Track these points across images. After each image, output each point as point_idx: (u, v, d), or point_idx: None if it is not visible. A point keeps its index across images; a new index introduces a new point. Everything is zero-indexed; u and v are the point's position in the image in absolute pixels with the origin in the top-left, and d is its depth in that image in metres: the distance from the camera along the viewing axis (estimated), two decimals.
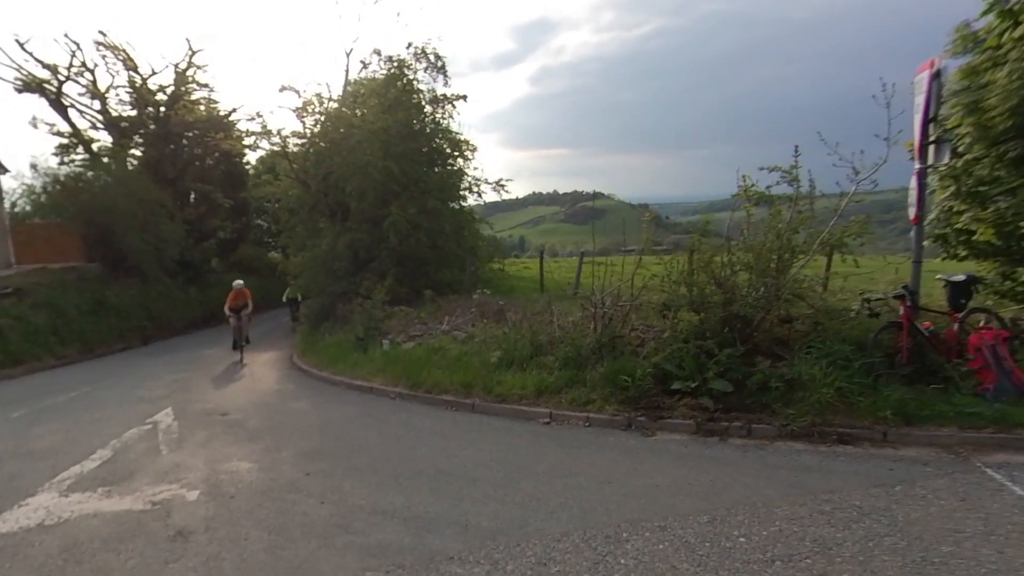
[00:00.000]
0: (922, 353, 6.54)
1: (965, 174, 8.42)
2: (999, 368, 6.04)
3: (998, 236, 8.02)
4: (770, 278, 7.10)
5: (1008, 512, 4.24)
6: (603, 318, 7.72)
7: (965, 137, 8.18)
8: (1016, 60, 7.22)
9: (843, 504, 4.40)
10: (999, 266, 8.82)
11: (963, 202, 8.44)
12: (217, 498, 4.92)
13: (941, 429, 5.72)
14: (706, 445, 5.84)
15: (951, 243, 8.99)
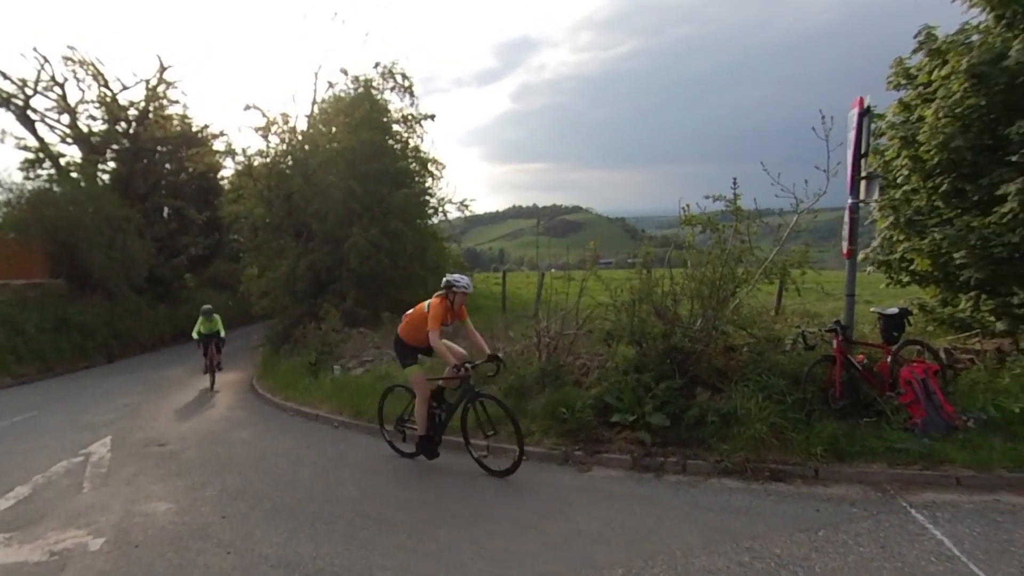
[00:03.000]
0: (855, 387, 6.42)
1: (904, 204, 8.42)
2: (928, 402, 5.94)
3: (934, 266, 8.00)
4: (710, 309, 6.97)
5: (924, 560, 4.07)
6: (548, 346, 7.52)
7: (902, 169, 8.20)
8: (943, 98, 7.24)
9: (763, 553, 4.19)
10: (939, 293, 8.81)
11: (901, 231, 8.43)
12: (121, 547, 4.60)
13: (871, 466, 5.58)
14: (640, 483, 5.63)
15: (894, 270, 9.00)
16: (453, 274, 6.22)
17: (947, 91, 7.28)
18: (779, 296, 10.34)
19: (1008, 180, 6.80)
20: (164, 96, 24.14)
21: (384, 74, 16.90)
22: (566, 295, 7.89)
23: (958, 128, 7.11)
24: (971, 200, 7.52)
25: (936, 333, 8.57)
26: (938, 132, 7.23)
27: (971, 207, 7.54)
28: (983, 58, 6.87)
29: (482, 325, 10.58)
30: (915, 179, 8.04)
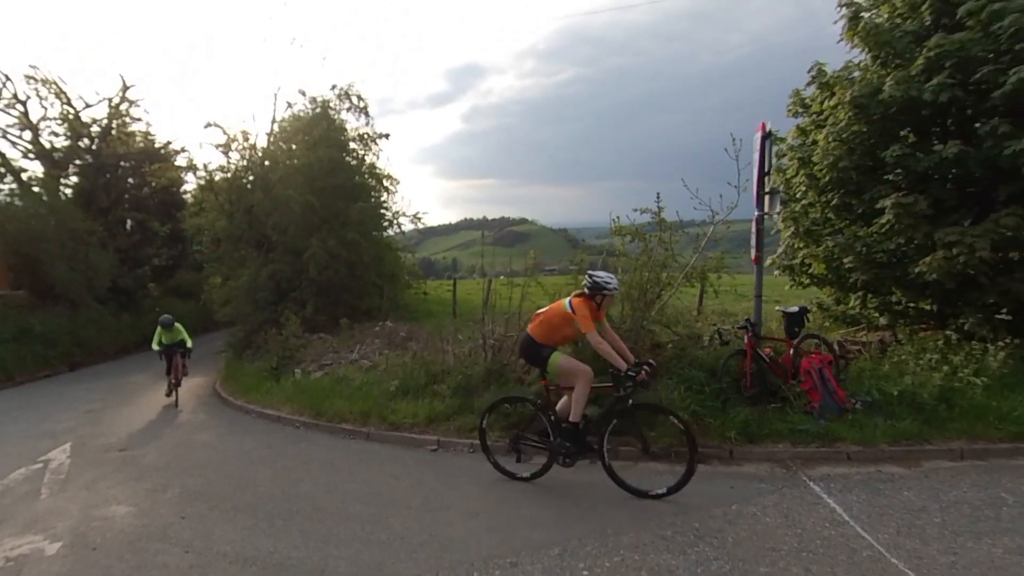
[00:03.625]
0: (764, 377, 6.69)
1: (803, 216, 8.82)
2: (824, 388, 6.24)
3: (828, 270, 8.42)
4: (639, 310, 7.14)
5: (820, 526, 4.29)
6: (493, 347, 7.53)
7: (800, 185, 8.59)
8: (832, 125, 7.64)
9: (684, 528, 4.32)
10: (833, 293, 9.27)
11: (801, 240, 8.83)
12: (78, 551, 4.35)
13: (777, 445, 5.83)
14: (576, 469, 5.66)
15: (796, 273, 9.40)
16: (597, 272, 5.18)
17: (835, 119, 7.70)
18: (700, 298, 10.67)
19: (885, 196, 7.24)
20: (127, 114, 23.12)
21: (340, 95, 16.61)
22: (509, 300, 7.94)
23: (844, 151, 7.52)
24: (856, 213, 7.97)
25: (831, 328, 9.03)
26: (828, 154, 7.64)
27: (856, 219, 8.00)
28: (863, 91, 7.29)
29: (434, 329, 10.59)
30: (811, 194, 8.46)
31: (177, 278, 26.02)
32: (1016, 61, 6.53)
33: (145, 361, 16.91)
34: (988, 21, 6.79)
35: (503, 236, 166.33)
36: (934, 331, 7.81)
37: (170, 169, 21.12)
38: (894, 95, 7.03)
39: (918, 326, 8.15)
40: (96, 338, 18.71)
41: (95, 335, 18.69)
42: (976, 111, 7.02)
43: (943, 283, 6.89)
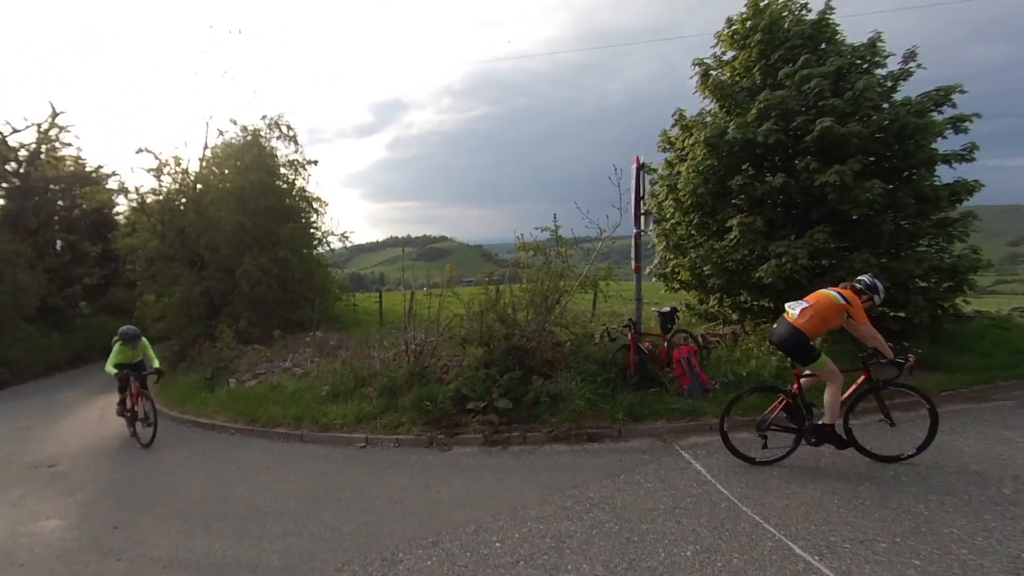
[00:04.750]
0: (644, 366, 7.03)
1: (672, 232, 9.36)
2: (691, 373, 6.64)
3: (692, 276, 8.99)
4: (541, 314, 7.28)
5: (688, 486, 4.56)
6: (415, 352, 7.41)
7: (669, 207, 9.11)
8: (691, 159, 8.19)
9: (581, 498, 4.45)
10: (697, 295, 9.90)
11: (671, 252, 9.37)
12: (4, 568, 3.82)
13: (656, 423, 6.12)
14: (490, 455, 5.72)
15: (669, 280, 9.91)
16: (865, 276, 4.83)
17: (694, 154, 8.27)
18: (594, 302, 11.08)
19: (732, 216, 7.86)
20: (56, 139, 20.65)
21: (271, 125, 15.77)
22: (428, 309, 7.84)
23: (701, 180, 8.09)
24: (712, 230, 8.59)
25: (696, 323, 9.64)
26: (689, 182, 8.19)
27: (712, 235, 8.61)
28: (713, 133, 7.90)
29: (362, 337, 10.25)
30: (678, 215, 9.00)
31: (110, 296, 23.43)
32: (820, 114, 7.33)
33: (76, 378, 15.15)
34: (800, 82, 7.59)
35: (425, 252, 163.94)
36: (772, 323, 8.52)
37: (101, 192, 19.11)
38: (736, 137, 7.67)
39: (760, 320, 8.87)
40: (25, 357, 16.47)
41: (23, 354, 16.45)
42: (794, 151, 7.80)
43: (776, 285, 7.56)
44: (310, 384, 7.89)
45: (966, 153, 7.61)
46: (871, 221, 7.34)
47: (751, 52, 8.54)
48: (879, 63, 7.91)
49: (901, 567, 3.22)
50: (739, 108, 8.34)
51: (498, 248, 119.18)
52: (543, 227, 7.96)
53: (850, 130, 7.13)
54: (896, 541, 3.50)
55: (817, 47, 8.13)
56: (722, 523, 3.87)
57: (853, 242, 7.54)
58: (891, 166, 7.72)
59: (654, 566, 3.37)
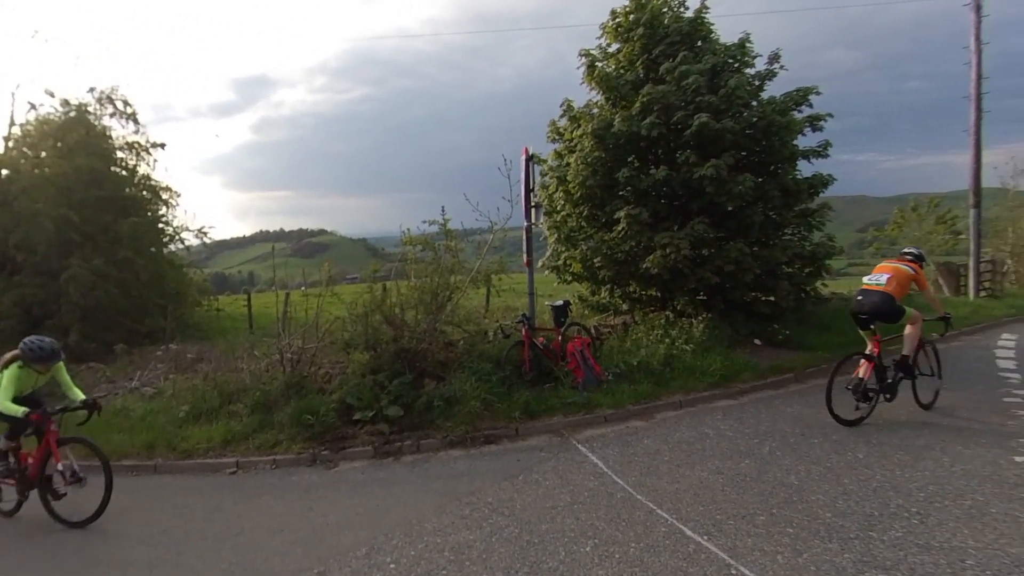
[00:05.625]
0: (539, 362, 7.23)
1: (563, 225, 9.71)
2: (585, 366, 6.94)
3: (584, 268, 9.41)
4: (431, 313, 7.18)
5: (586, 480, 4.76)
6: (291, 360, 6.94)
7: (560, 199, 9.44)
8: (580, 151, 8.55)
9: (480, 504, 4.45)
10: (589, 287, 10.38)
11: (563, 244, 9.73)
12: None
13: (553, 418, 6.31)
14: (381, 468, 5.52)
15: (561, 272, 10.29)
16: (913, 248, 6.11)
17: (582, 146, 8.66)
18: (487, 298, 11.16)
19: (620, 208, 8.36)
20: None
21: (102, 99, 13.77)
22: (306, 312, 7.39)
23: (590, 172, 8.50)
24: (601, 222, 9.06)
25: (588, 315, 10.12)
26: (578, 174, 8.56)
27: (602, 227, 9.08)
28: (600, 125, 8.33)
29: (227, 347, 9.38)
30: (568, 207, 9.38)
31: None
32: (698, 109, 8.03)
33: None
34: (680, 78, 8.25)
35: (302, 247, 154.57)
36: (659, 312, 9.23)
37: None
38: (622, 129, 8.15)
39: (649, 309, 9.55)
40: None
41: None
42: (675, 144, 8.48)
43: (662, 275, 8.19)
44: (164, 405, 7.06)
45: (821, 149, 8.78)
46: (744, 212, 8.20)
47: (634, 46, 9.11)
48: (748, 63, 8.84)
49: (778, 536, 3.63)
50: (624, 101, 8.87)
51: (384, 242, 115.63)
52: (431, 220, 7.88)
53: (724, 126, 7.89)
54: (773, 513, 3.95)
55: (694, 44, 8.88)
56: (619, 514, 4.10)
57: (729, 232, 8.37)
58: (760, 161, 8.69)
59: (554, 566, 3.47)
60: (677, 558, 3.47)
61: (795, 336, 8.48)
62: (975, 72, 13.72)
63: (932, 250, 19.34)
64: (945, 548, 3.39)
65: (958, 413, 5.82)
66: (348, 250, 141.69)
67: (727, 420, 6.05)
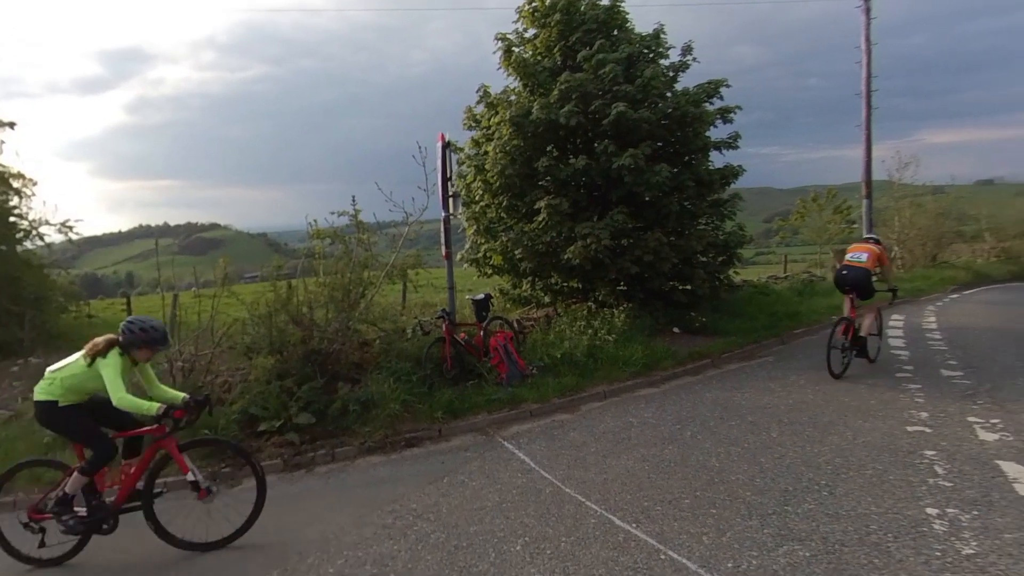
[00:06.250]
0: (461, 358, 7.19)
1: (482, 216, 9.70)
2: (509, 361, 6.99)
3: (504, 260, 9.47)
4: (343, 311, 6.92)
5: (514, 477, 4.80)
6: (183, 370, 6.42)
7: (478, 189, 9.42)
8: (497, 139, 8.57)
9: (403, 511, 4.35)
10: (511, 279, 10.46)
11: (482, 236, 9.73)
12: None
13: (477, 416, 6.30)
14: (292, 481, 5.25)
15: (481, 265, 10.29)
16: (873, 233, 7.80)
17: (500, 134, 8.68)
18: (403, 293, 10.94)
19: (540, 198, 8.48)
20: None
21: None
22: (199, 315, 6.86)
23: (508, 161, 8.54)
24: (521, 212, 9.15)
25: (511, 309, 10.21)
26: (497, 163, 8.58)
27: (522, 217, 9.18)
28: (518, 112, 8.39)
29: None
30: (487, 197, 9.38)
31: None
32: (616, 99, 8.30)
33: None
34: (597, 66, 8.48)
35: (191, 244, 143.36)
36: (581, 303, 9.48)
37: None
38: (540, 117, 8.25)
39: (571, 301, 9.79)
40: None
41: None
42: (594, 134, 8.71)
43: (584, 266, 8.40)
44: (24, 430, 6.28)
45: (732, 141, 9.38)
46: (661, 202, 8.59)
47: (551, 32, 9.25)
48: (663, 54, 9.26)
49: (702, 518, 3.85)
50: (542, 88, 8.98)
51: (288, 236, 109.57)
52: (340, 211, 7.56)
53: (641, 116, 8.21)
54: (697, 495, 4.17)
55: (610, 33, 9.16)
56: (548, 509, 4.16)
57: (647, 222, 8.74)
58: (675, 151, 9.14)
59: (485, 569, 3.46)
60: (607, 548, 3.57)
61: (711, 323, 9.04)
62: (865, 71, 15.25)
63: (830, 238, 21.38)
64: (852, 516, 3.74)
65: (858, 390, 6.45)
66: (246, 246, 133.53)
67: (650, 408, 6.33)
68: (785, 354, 8.45)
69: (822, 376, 6.85)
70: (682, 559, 3.39)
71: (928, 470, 4.34)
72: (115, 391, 3.69)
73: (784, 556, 3.34)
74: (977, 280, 17.16)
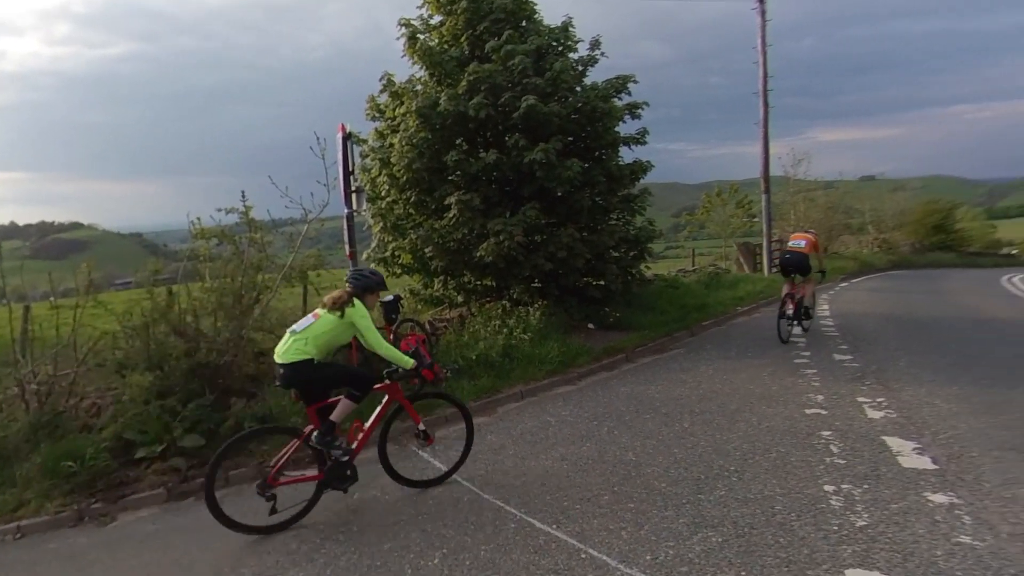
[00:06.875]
0: (370, 364, 6.99)
1: (389, 212, 9.51)
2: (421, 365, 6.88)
3: (414, 259, 9.34)
4: (235, 319, 6.52)
5: (428, 488, 4.75)
6: (39, 393, 5.76)
7: (384, 184, 9.22)
8: (404, 131, 8.44)
9: (309, 534, 4.16)
10: (421, 279, 10.34)
11: (389, 234, 9.54)
12: None
13: None
14: (179, 512, 4.87)
15: (389, 264, 10.07)
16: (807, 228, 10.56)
17: (406, 125, 8.54)
18: (304, 297, 10.47)
19: (450, 194, 8.44)
20: None
21: None
22: (58, 329, 6.18)
23: (416, 154, 8.42)
24: (431, 208, 9.07)
25: (422, 310, 10.10)
26: (403, 156, 8.44)
27: (431, 214, 9.09)
28: (425, 103, 8.29)
29: None
30: (394, 192, 9.20)
31: None
32: (525, 91, 8.43)
33: None
34: (506, 58, 8.56)
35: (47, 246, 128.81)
36: (495, 302, 9.55)
37: None
38: (448, 109, 8.21)
39: (485, 300, 9.84)
40: None
41: None
42: (505, 127, 8.80)
43: (497, 263, 8.46)
44: None
45: (640, 137, 9.82)
46: (573, 197, 8.83)
47: (458, 19, 9.22)
48: (571, 47, 9.51)
49: (621, 513, 4.00)
50: (449, 78, 8.94)
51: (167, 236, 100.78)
52: (229, 208, 7.12)
53: (551, 110, 8.39)
54: (615, 491, 4.34)
55: (519, 24, 9.28)
56: (467, 517, 4.15)
57: (559, 218, 8.96)
58: (585, 146, 9.42)
59: None
60: (528, 552, 3.62)
61: (624, 318, 9.43)
62: (762, 71, 16.54)
63: (733, 232, 22.98)
64: (759, 499, 4.05)
65: (762, 377, 6.99)
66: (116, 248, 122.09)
67: (567, 406, 6.50)
68: (695, 345, 9.00)
69: (730, 365, 7.36)
70: (602, 556, 3.51)
71: (825, 450, 4.79)
72: (373, 335, 4.27)
73: (699, 543, 3.55)
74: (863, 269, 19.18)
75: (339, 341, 4.42)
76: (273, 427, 5.21)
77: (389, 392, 4.70)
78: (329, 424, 4.29)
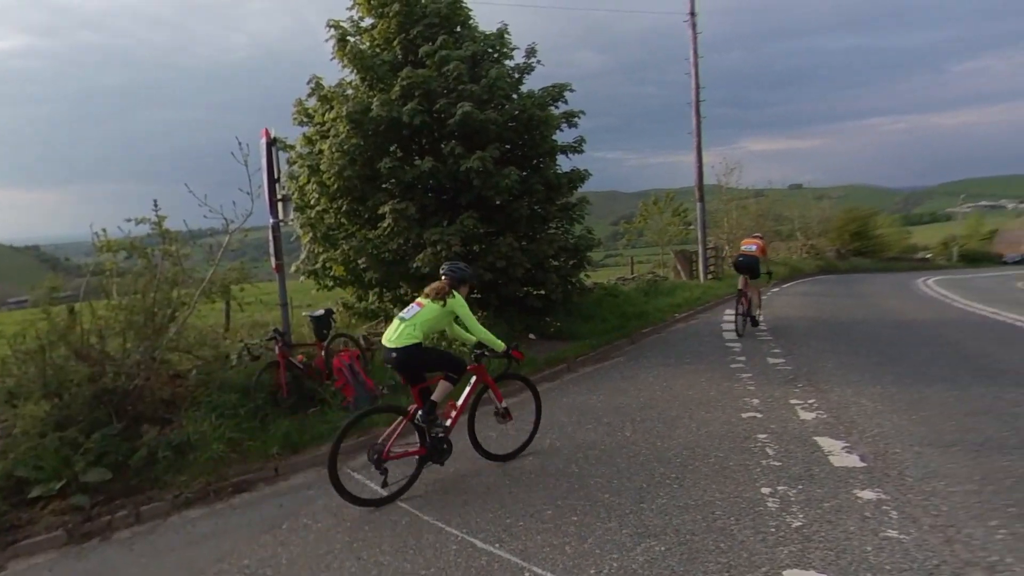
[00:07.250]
0: (300, 383, 6.77)
1: (319, 222, 9.26)
2: (356, 382, 6.72)
3: (347, 271, 9.13)
4: (147, 339, 6.14)
5: (365, 512, 4.59)
6: None
7: (313, 192, 8.97)
8: (334, 136, 8.26)
9: (232, 571, 3.93)
10: (355, 291, 10.11)
11: (320, 244, 9.29)
12: None
13: (320, 448, 5.91)
14: (81, 556, 4.49)
15: (320, 277, 9.82)
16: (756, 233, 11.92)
17: (336, 131, 8.36)
18: (227, 313, 10.03)
19: (384, 202, 8.32)
20: None
21: None
22: None
23: (347, 161, 8.26)
24: (364, 218, 8.90)
25: (357, 324, 9.86)
26: (333, 163, 8.25)
27: (365, 223, 8.92)
28: (356, 108, 8.15)
29: None
30: (324, 201, 8.97)
31: None
32: (461, 98, 8.43)
33: None
34: (440, 63, 8.54)
35: None
36: None
37: None
38: (381, 114, 8.10)
39: None
40: None
41: None
42: (440, 134, 8.77)
43: (435, 274, 8.36)
44: None
45: (577, 145, 10.01)
46: (511, 206, 8.89)
47: (390, 22, 9.14)
48: (507, 55, 9.61)
49: (564, 527, 4.01)
50: (382, 83, 8.83)
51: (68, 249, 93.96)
52: (139, 218, 6.73)
53: (488, 117, 8.43)
54: (558, 505, 4.34)
55: (453, 29, 9.30)
56: (406, 541, 4.04)
57: (498, 227, 8.99)
58: (523, 155, 9.53)
59: None
60: (471, 574, 3.56)
61: (565, 327, 9.54)
62: (694, 82, 17.26)
63: (670, 239, 23.78)
64: (700, 505, 4.15)
65: (700, 383, 7.22)
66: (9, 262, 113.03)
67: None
68: (635, 353, 9.20)
69: (669, 372, 7.57)
70: (547, 573, 3.49)
71: (761, 452, 4.98)
72: (472, 321, 4.93)
73: (642, 554, 3.59)
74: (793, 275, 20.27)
75: (438, 327, 5.05)
76: (385, 406, 5.80)
77: (477, 374, 5.24)
78: (431, 404, 4.80)
